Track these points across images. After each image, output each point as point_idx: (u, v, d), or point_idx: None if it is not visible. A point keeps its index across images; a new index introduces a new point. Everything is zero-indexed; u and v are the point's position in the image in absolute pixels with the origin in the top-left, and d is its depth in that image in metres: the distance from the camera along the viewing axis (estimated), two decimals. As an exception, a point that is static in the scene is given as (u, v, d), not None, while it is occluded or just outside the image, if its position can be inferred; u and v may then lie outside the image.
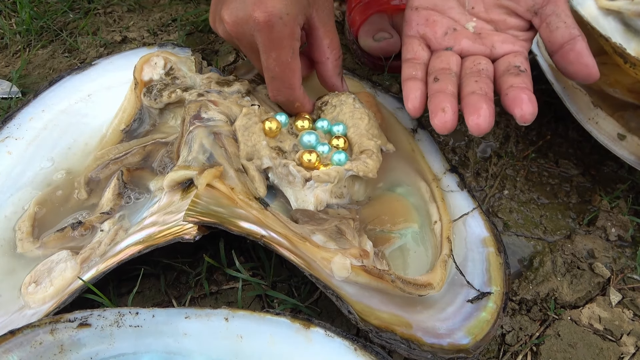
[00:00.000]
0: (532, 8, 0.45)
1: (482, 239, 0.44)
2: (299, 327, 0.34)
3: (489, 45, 0.45)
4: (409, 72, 0.45)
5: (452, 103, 0.41)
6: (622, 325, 0.42)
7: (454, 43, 0.46)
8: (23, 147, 0.50)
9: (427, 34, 0.47)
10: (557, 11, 0.44)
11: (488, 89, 0.42)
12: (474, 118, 0.40)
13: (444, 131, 0.41)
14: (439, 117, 0.41)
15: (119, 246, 0.40)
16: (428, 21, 0.47)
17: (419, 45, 0.47)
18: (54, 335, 0.32)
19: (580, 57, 0.43)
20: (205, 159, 0.43)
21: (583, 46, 0.43)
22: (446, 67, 0.44)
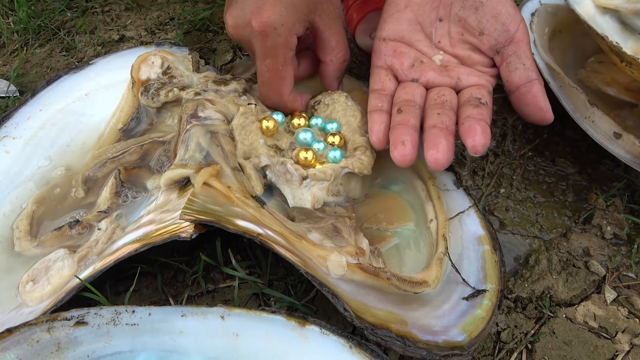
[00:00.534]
0: (495, 47, 0.45)
1: (478, 236, 0.44)
2: (295, 325, 0.34)
3: (455, 77, 0.46)
4: (375, 103, 0.46)
5: (413, 136, 0.42)
6: (617, 323, 0.43)
7: (420, 75, 0.47)
8: (21, 146, 0.50)
9: (395, 65, 0.47)
10: (517, 52, 0.45)
11: (450, 122, 0.43)
12: (432, 153, 0.40)
13: (403, 164, 0.42)
14: (398, 150, 0.41)
15: (116, 244, 0.40)
16: (396, 52, 0.47)
17: (386, 76, 0.47)
18: (51, 333, 0.32)
19: (536, 100, 0.44)
20: (202, 158, 0.43)
21: (539, 90, 0.44)
22: (410, 99, 0.45)
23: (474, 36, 0.46)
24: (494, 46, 0.45)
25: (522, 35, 0.45)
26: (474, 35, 0.46)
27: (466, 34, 0.46)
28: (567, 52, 0.63)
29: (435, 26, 0.47)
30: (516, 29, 0.45)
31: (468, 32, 0.46)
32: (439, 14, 0.47)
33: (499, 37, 0.45)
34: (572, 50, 0.63)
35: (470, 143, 0.41)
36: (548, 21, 0.62)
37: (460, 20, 0.46)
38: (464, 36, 0.46)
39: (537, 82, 0.44)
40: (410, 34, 0.47)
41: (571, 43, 0.63)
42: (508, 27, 0.44)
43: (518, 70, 0.44)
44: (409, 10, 0.47)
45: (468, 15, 0.46)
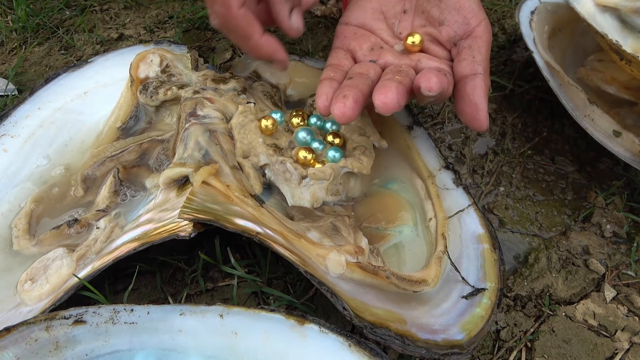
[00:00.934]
0: (453, 39, 0.44)
1: (477, 235, 0.44)
2: (294, 323, 0.34)
3: (415, 60, 0.44)
4: (328, 74, 0.44)
5: (356, 94, 0.40)
6: (616, 321, 0.43)
7: (379, 58, 0.45)
8: (19, 144, 0.50)
9: (353, 47, 0.46)
10: (472, 45, 0.43)
11: (404, 80, 0.40)
12: (380, 97, 0.38)
13: (342, 120, 0.39)
14: (338, 104, 0.39)
15: (115, 243, 0.40)
16: (356, 35, 0.47)
17: (344, 56, 0.46)
18: (49, 332, 0.32)
19: (473, 96, 0.41)
20: (201, 157, 0.43)
21: (479, 85, 0.41)
22: (364, 73, 0.43)
23: (434, 27, 0.45)
24: (452, 38, 0.44)
25: (482, 32, 0.43)
26: (435, 27, 0.45)
27: (428, 25, 0.46)
28: (567, 51, 0.63)
29: (399, 18, 0.47)
30: (477, 24, 0.44)
31: (430, 23, 0.45)
32: (404, 7, 0.47)
33: (458, 29, 0.44)
34: (571, 49, 0.63)
35: (424, 83, 0.38)
36: (548, 19, 0.62)
37: (424, 12, 0.46)
38: (425, 27, 0.46)
39: (480, 78, 0.42)
40: (373, 22, 0.47)
41: (571, 41, 0.63)
42: (469, 21, 0.44)
43: (465, 61, 0.43)
44: (375, 0, 0.47)
45: (432, 7, 0.45)
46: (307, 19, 0.73)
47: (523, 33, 0.58)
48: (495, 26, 0.72)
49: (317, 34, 0.70)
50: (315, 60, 0.58)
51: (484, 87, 0.42)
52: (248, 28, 0.42)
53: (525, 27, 0.58)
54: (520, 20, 0.59)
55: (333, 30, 0.70)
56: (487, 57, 0.43)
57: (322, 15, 0.73)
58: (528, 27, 0.59)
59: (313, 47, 0.67)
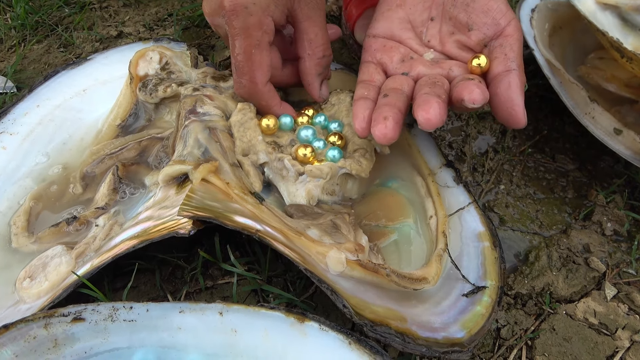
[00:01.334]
0: (483, 41, 0.44)
1: (478, 233, 0.44)
2: (294, 321, 0.34)
3: (447, 69, 0.44)
4: (361, 92, 0.44)
5: (396, 114, 0.40)
6: (617, 320, 0.42)
7: (410, 69, 0.45)
8: (18, 142, 0.50)
9: (384, 60, 0.46)
10: (503, 44, 0.43)
11: (442, 93, 0.41)
12: (423, 113, 0.38)
13: (384, 141, 0.40)
14: (379, 126, 0.39)
15: (114, 241, 0.40)
16: (385, 48, 0.46)
17: (375, 69, 0.46)
18: (48, 329, 0.32)
19: (508, 92, 0.40)
20: (201, 154, 0.43)
21: (515, 81, 0.41)
22: (398, 88, 0.43)
23: (463, 33, 0.45)
24: (482, 40, 0.44)
25: (513, 30, 0.43)
26: (464, 33, 0.45)
27: (456, 32, 0.45)
28: (567, 49, 0.63)
29: (426, 25, 0.47)
30: (507, 24, 0.43)
31: (458, 30, 0.45)
32: (431, 14, 0.46)
33: (487, 31, 0.43)
34: (572, 47, 0.63)
35: (467, 96, 0.39)
36: (548, 17, 0.61)
37: (451, 18, 0.45)
38: (454, 35, 0.45)
39: (515, 74, 0.41)
40: (401, 32, 0.47)
41: (571, 39, 0.63)
42: (498, 21, 0.43)
43: (498, 59, 0.42)
44: (401, 9, 0.47)
45: (459, 12, 0.44)
46: (307, 17, 0.72)
47: (524, 31, 0.58)
48: (496, 24, 0.72)
49: (317, 31, 0.70)
50: (315, 58, 0.58)
51: (519, 83, 0.41)
52: (270, 101, 0.45)
53: (525, 25, 0.58)
54: (521, 17, 0.59)
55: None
56: (519, 54, 0.42)
57: (322, 13, 0.72)
58: (529, 24, 0.59)
59: (313, 45, 0.67)
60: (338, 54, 0.67)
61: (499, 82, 0.41)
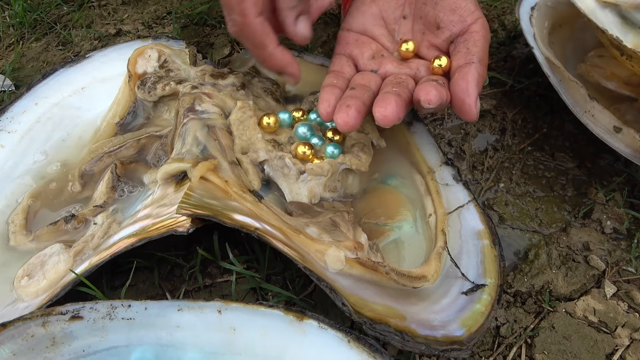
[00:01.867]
0: (449, 38, 0.45)
1: (477, 231, 0.44)
2: (293, 319, 0.33)
3: (414, 69, 0.45)
4: (330, 80, 0.45)
5: (359, 105, 0.41)
6: (616, 318, 0.42)
7: (379, 66, 0.46)
8: (16, 140, 0.50)
9: (355, 54, 0.47)
10: (468, 39, 0.43)
11: (404, 93, 0.41)
12: (380, 110, 0.39)
13: (345, 128, 0.40)
14: (341, 114, 0.40)
15: (113, 239, 0.40)
16: (357, 42, 0.47)
17: (346, 62, 0.47)
18: (46, 327, 0.32)
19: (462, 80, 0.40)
20: (199, 152, 0.43)
21: (471, 71, 0.41)
22: (365, 84, 0.44)
23: (432, 32, 0.45)
24: (449, 38, 0.44)
25: (479, 28, 0.43)
26: (432, 31, 0.45)
27: (426, 30, 0.46)
28: (567, 46, 0.63)
29: (399, 23, 0.47)
30: (473, 21, 0.43)
31: (427, 28, 0.46)
32: (404, 12, 0.47)
33: (454, 29, 0.44)
34: (571, 45, 0.63)
35: (423, 97, 0.39)
36: (548, 15, 0.61)
37: (422, 17, 0.46)
38: (424, 34, 0.46)
39: (474, 66, 0.41)
40: (374, 28, 0.47)
41: (571, 37, 0.63)
42: (465, 19, 0.43)
43: (460, 53, 0.42)
44: (375, 5, 0.48)
45: (428, 11, 0.45)
46: (306, 15, 0.72)
47: (523, 29, 0.57)
48: (495, 22, 0.72)
49: (317, 29, 0.70)
50: (314, 56, 0.57)
51: (476, 74, 0.41)
52: (264, 37, 0.42)
53: (525, 23, 0.58)
54: (521, 16, 0.59)
55: (332, 26, 0.70)
56: (483, 49, 0.43)
57: (321, 11, 0.72)
58: (528, 23, 0.58)
59: (312, 43, 0.67)
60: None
61: (458, 73, 0.42)
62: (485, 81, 0.44)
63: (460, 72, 0.41)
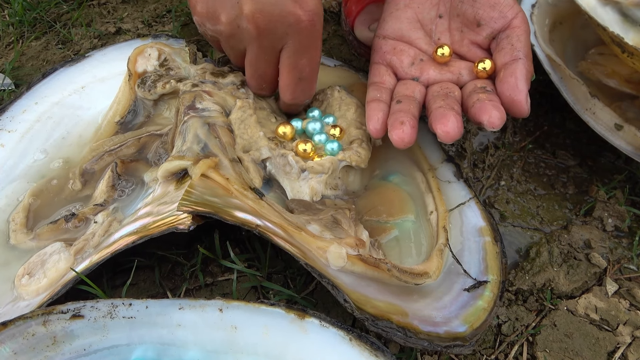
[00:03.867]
0: (491, 34, 0.44)
1: (479, 228, 0.44)
2: (294, 317, 0.33)
3: (456, 73, 0.45)
4: (374, 94, 0.45)
5: (412, 120, 0.41)
6: (618, 315, 0.42)
7: (421, 73, 0.46)
8: (16, 139, 0.50)
9: (394, 63, 0.46)
10: (510, 34, 0.43)
11: (456, 106, 0.41)
12: (441, 126, 0.39)
13: (401, 145, 0.40)
14: (397, 130, 0.40)
15: (113, 237, 0.40)
16: (395, 50, 0.46)
17: (386, 71, 0.46)
18: (47, 326, 0.31)
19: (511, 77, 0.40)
20: (200, 149, 0.43)
21: (519, 68, 0.41)
22: (410, 95, 0.44)
23: (472, 30, 0.45)
24: (491, 34, 0.44)
25: (520, 22, 0.43)
26: (472, 29, 0.45)
27: (465, 29, 0.46)
28: (568, 44, 0.63)
29: (435, 23, 0.47)
30: (514, 16, 0.43)
31: (466, 26, 0.46)
32: (439, 11, 0.47)
33: (495, 25, 0.44)
34: (572, 42, 0.63)
35: (485, 119, 0.39)
36: (548, 13, 0.61)
37: (459, 15, 0.46)
38: (463, 32, 0.46)
39: (522, 63, 0.41)
40: (410, 32, 0.47)
41: (571, 35, 0.63)
42: (505, 14, 0.43)
43: (504, 50, 0.42)
44: (409, 9, 0.47)
45: (467, 8, 0.45)
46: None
47: (524, 26, 0.57)
48: (496, 20, 0.71)
49: (317, 28, 0.69)
50: (315, 54, 0.57)
51: (524, 71, 0.41)
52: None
53: (526, 21, 0.58)
54: (521, 13, 0.59)
55: (332, 23, 0.70)
56: (527, 44, 0.43)
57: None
58: (529, 20, 0.58)
59: (312, 41, 0.67)
60: (337, 50, 0.66)
61: (505, 70, 0.41)
62: (533, 76, 0.43)
63: (508, 69, 0.41)
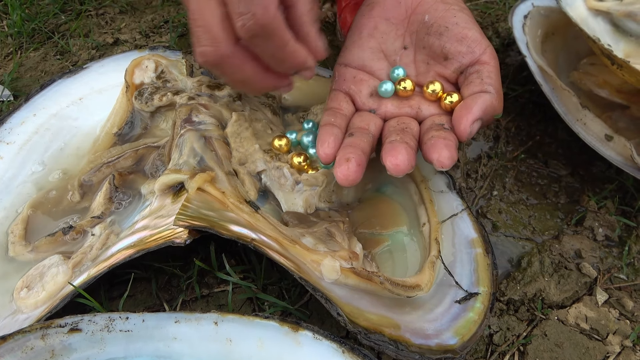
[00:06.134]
0: (458, 69, 0.43)
1: (471, 239, 0.44)
2: (288, 330, 0.34)
3: (415, 107, 0.44)
4: (328, 119, 0.43)
5: (359, 156, 0.39)
6: (608, 325, 0.43)
7: (379, 106, 0.44)
8: (14, 151, 0.50)
9: (352, 91, 0.45)
10: (480, 70, 0.42)
11: (410, 141, 0.40)
12: (391, 159, 0.38)
13: (346, 183, 0.39)
14: (342, 167, 0.39)
15: (111, 250, 0.41)
16: (355, 79, 0.45)
17: (344, 99, 0.45)
18: (45, 340, 0.32)
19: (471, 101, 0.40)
20: (196, 163, 0.43)
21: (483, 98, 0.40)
22: (365, 127, 0.43)
23: (438, 63, 0.44)
24: (458, 68, 0.43)
25: (489, 58, 0.42)
26: (439, 62, 0.44)
27: (431, 61, 0.45)
28: (560, 54, 0.63)
29: (400, 54, 0.46)
30: (482, 52, 0.43)
31: (433, 59, 0.45)
32: (404, 42, 0.45)
33: (463, 60, 0.43)
34: (564, 52, 0.64)
35: (435, 157, 0.38)
36: (540, 23, 0.62)
37: (425, 47, 0.45)
38: (429, 64, 0.45)
39: (489, 96, 0.40)
40: (372, 62, 0.45)
41: (564, 45, 0.64)
42: (473, 49, 0.42)
43: (473, 83, 0.41)
44: (373, 38, 0.46)
45: (433, 41, 0.44)
46: (302, 23, 0.73)
47: (516, 37, 0.58)
48: (489, 30, 0.72)
49: (312, 38, 0.70)
50: (310, 65, 0.58)
51: (487, 102, 0.40)
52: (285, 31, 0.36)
53: (518, 32, 0.59)
54: (514, 24, 0.60)
55: (328, 34, 0.71)
56: (497, 80, 0.42)
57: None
58: (521, 31, 0.59)
59: (308, 52, 0.67)
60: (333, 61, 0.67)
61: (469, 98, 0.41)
62: (498, 114, 0.42)
63: (473, 97, 0.40)
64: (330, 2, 0.75)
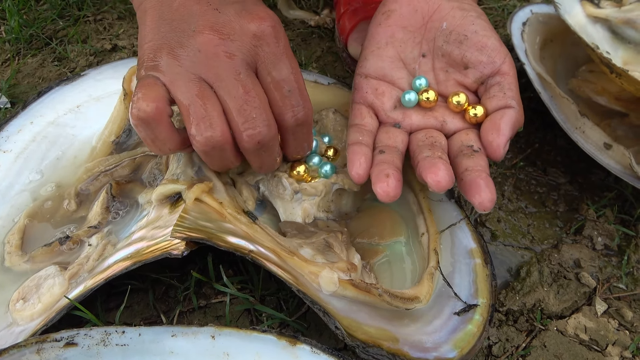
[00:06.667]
0: (480, 79, 0.43)
1: (469, 250, 0.44)
2: (286, 344, 0.34)
3: (440, 119, 0.44)
4: (356, 136, 0.43)
5: (396, 172, 0.40)
6: (607, 335, 0.43)
7: (403, 118, 0.44)
8: (11, 159, 0.50)
9: (376, 105, 0.45)
10: (502, 82, 0.42)
11: (443, 155, 0.40)
12: (432, 176, 0.38)
13: (387, 199, 0.39)
14: (381, 184, 0.39)
15: (107, 262, 0.40)
16: (377, 91, 0.45)
17: (368, 113, 0.45)
18: (41, 355, 0.32)
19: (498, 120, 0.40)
20: (194, 173, 0.43)
21: (509, 114, 0.41)
22: (392, 145, 0.43)
23: (458, 71, 0.44)
24: (479, 78, 0.43)
25: (508, 68, 0.43)
26: (459, 70, 0.44)
27: (450, 69, 0.45)
28: (558, 61, 0.63)
29: (418, 62, 0.45)
30: (502, 61, 0.43)
31: (452, 67, 0.44)
32: (422, 50, 0.45)
33: (484, 70, 0.43)
34: (563, 59, 0.64)
35: (477, 200, 0.38)
36: (539, 30, 0.62)
37: (444, 55, 0.44)
38: (448, 72, 0.45)
39: (514, 110, 0.41)
40: (392, 71, 0.45)
41: (562, 52, 0.64)
42: (494, 59, 0.43)
43: (496, 97, 0.42)
44: (390, 47, 0.45)
45: (452, 49, 0.44)
46: (300, 29, 0.73)
47: (515, 44, 0.58)
48: (488, 36, 0.72)
49: (311, 44, 0.70)
50: (309, 72, 0.58)
51: (514, 119, 0.41)
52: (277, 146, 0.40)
53: (517, 39, 0.59)
54: (512, 31, 0.59)
55: (326, 40, 0.71)
56: (517, 92, 0.42)
57: (315, 25, 0.73)
58: (520, 38, 0.59)
59: (307, 58, 0.67)
60: (331, 67, 0.67)
61: (495, 115, 0.41)
62: (520, 127, 0.42)
63: (498, 114, 0.41)
64: (329, 8, 0.75)
